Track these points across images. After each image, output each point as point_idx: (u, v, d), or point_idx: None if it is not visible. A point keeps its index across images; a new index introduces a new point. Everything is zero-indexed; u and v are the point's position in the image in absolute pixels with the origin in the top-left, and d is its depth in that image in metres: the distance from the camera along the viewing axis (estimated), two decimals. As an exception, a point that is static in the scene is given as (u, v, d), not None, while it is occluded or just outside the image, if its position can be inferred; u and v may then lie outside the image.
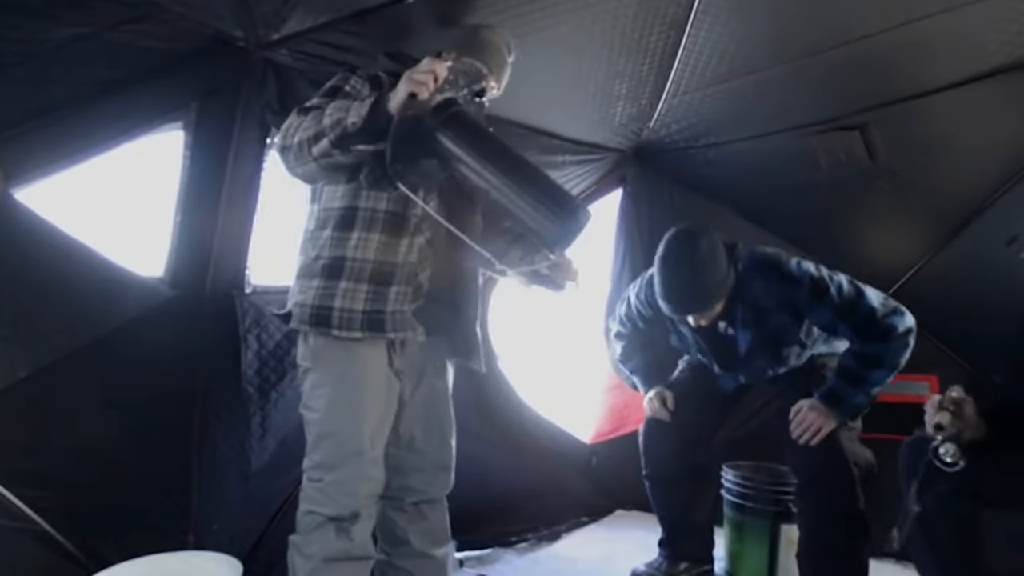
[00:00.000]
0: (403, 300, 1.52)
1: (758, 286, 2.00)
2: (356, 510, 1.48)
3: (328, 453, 1.49)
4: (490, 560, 2.55)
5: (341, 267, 1.49)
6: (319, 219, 1.54)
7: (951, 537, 1.58)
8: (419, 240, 1.55)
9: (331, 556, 1.45)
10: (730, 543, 2.42)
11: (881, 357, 1.92)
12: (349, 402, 1.50)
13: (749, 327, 2.06)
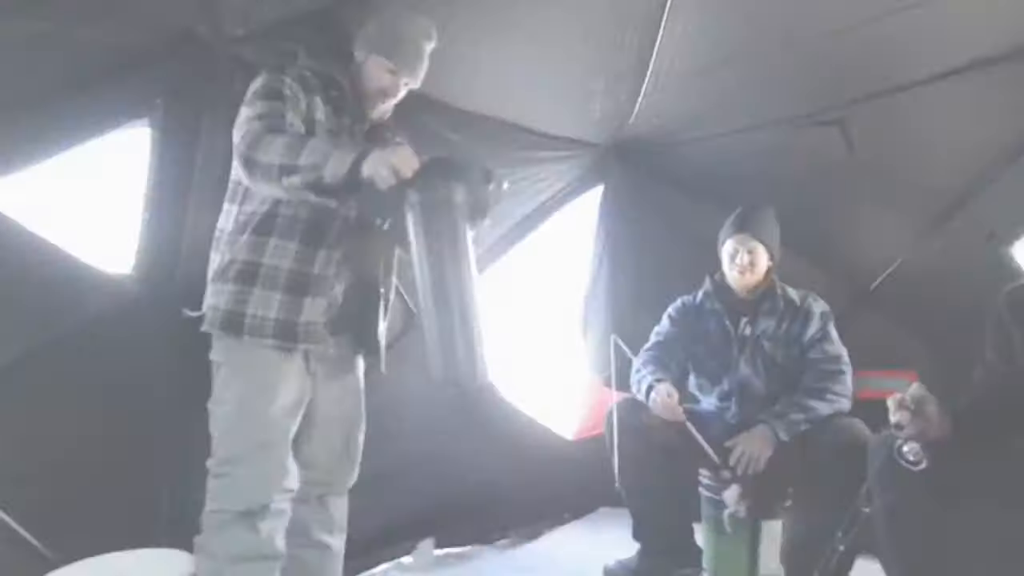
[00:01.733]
0: (317, 311, 1.53)
1: (787, 306, 2.33)
2: (266, 503, 1.47)
3: (237, 445, 1.48)
4: (469, 557, 2.56)
5: (256, 274, 1.49)
6: (238, 221, 1.53)
7: (916, 535, 1.58)
8: (337, 254, 1.56)
9: (238, 554, 1.44)
10: (709, 540, 2.41)
11: (825, 392, 2.18)
12: (258, 396, 1.49)
13: (766, 335, 2.31)
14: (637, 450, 2.21)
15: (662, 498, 2.29)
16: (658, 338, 2.52)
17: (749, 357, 2.32)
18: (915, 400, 1.56)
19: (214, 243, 1.57)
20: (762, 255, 2.33)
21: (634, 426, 2.26)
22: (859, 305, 2.78)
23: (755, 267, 2.33)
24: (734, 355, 2.35)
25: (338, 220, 1.56)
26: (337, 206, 1.54)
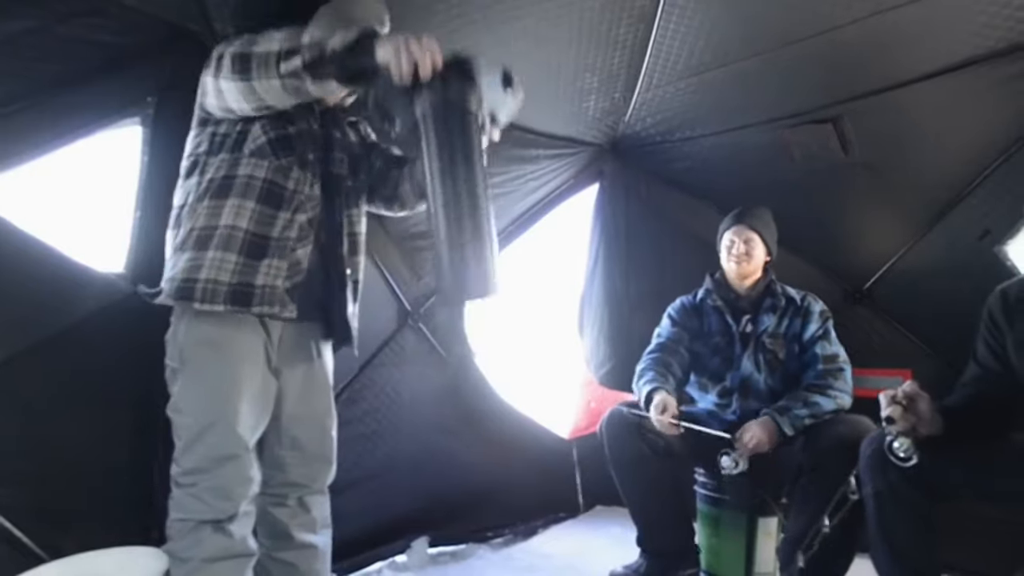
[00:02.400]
0: (276, 275, 1.47)
1: (787, 303, 2.37)
2: (233, 513, 1.45)
3: (201, 458, 1.44)
4: (464, 555, 2.56)
5: (211, 236, 1.43)
6: (200, 191, 1.48)
7: (906, 530, 1.58)
8: (300, 217, 1.51)
9: (210, 556, 1.42)
10: (706, 538, 2.41)
11: (827, 388, 2.19)
12: (222, 403, 1.45)
13: (768, 332, 2.33)
14: (633, 455, 2.21)
15: (661, 501, 2.28)
16: (660, 340, 2.51)
17: (751, 354, 2.33)
18: (907, 396, 1.56)
19: (171, 221, 1.53)
20: (758, 245, 2.37)
21: (629, 431, 2.26)
22: (854, 304, 2.77)
23: (751, 257, 2.36)
24: (736, 352, 2.36)
25: (300, 184, 1.51)
26: (311, 153, 1.51)
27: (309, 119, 1.60)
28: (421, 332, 2.67)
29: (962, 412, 1.68)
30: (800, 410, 2.13)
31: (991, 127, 2.30)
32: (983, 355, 1.76)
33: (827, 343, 2.27)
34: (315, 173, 1.57)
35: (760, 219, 2.42)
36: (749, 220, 2.40)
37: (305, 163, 1.54)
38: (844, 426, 2.03)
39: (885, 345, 2.72)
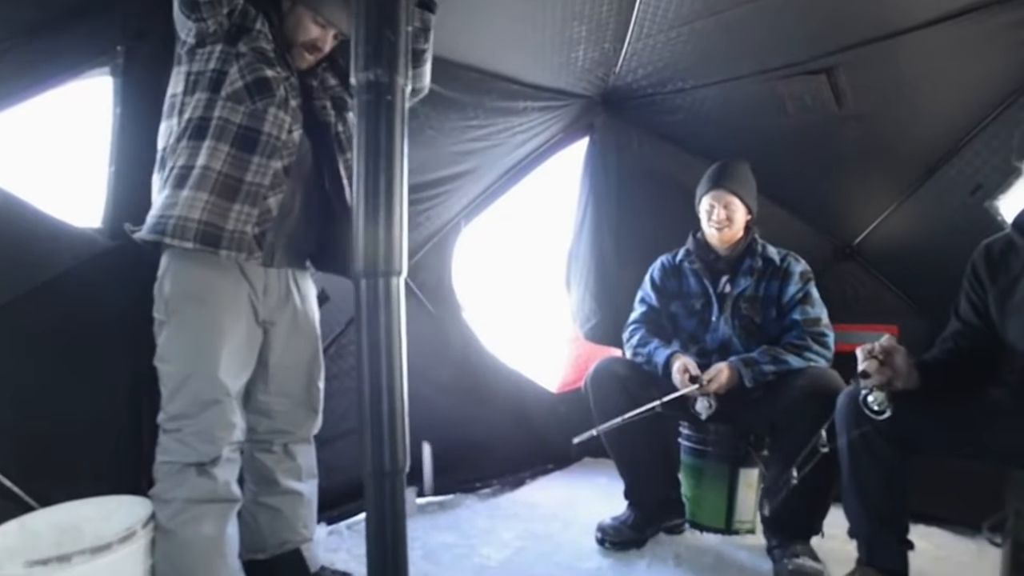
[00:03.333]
0: (246, 222, 1.50)
1: (766, 265, 2.32)
2: (216, 456, 1.50)
3: (185, 404, 1.50)
4: (452, 505, 2.61)
5: (187, 176, 1.47)
6: (178, 131, 1.50)
7: (876, 481, 1.61)
8: (275, 164, 1.54)
9: (194, 497, 1.48)
10: (690, 489, 2.47)
11: (804, 350, 2.17)
12: (205, 352, 1.50)
13: (744, 296, 2.31)
14: (618, 407, 2.22)
15: (646, 454, 2.32)
16: (644, 307, 2.51)
17: (728, 317, 2.32)
18: (884, 351, 1.57)
19: (157, 164, 1.55)
20: (739, 209, 2.33)
21: (614, 387, 2.27)
22: (843, 260, 2.76)
23: (733, 222, 2.32)
24: (714, 314, 2.35)
25: (275, 129, 1.54)
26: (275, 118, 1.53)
27: (288, 69, 1.60)
28: (408, 287, 2.66)
29: (940, 367, 1.69)
30: (767, 366, 2.14)
31: (988, 78, 2.24)
32: (964, 310, 1.77)
33: (808, 306, 2.25)
34: (296, 119, 1.58)
35: (738, 179, 2.35)
36: (727, 183, 2.33)
37: (286, 107, 1.56)
38: (813, 379, 2.04)
39: (872, 301, 2.72)
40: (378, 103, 1.07)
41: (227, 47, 1.52)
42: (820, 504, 2.03)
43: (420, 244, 2.70)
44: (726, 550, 2.22)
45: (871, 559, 1.63)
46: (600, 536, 2.23)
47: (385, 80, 1.07)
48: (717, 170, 2.37)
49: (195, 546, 1.47)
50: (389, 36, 1.08)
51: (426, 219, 2.68)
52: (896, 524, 1.63)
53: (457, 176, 2.66)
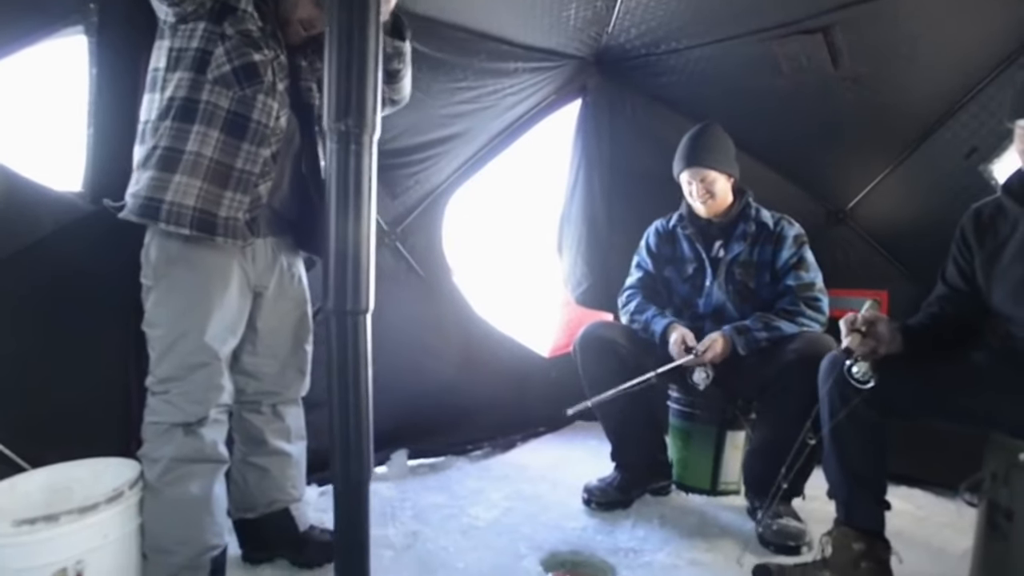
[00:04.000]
0: (238, 209, 1.52)
1: (759, 229, 2.30)
2: (203, 416, 1.52)
3: (173, 368, 1.51)
4: (442, 467, 2.65)
5: (178, 160, 1.46)
6: (161, 108, 1.49)
7: (856, 444, 1.63)
8: (264, 152, 1.54)
9: (180, 456, 1.51)
10: (677, 451, 2.50)
11: (797, 316, 2.18)
12: (192, 316, 1.51)
13: (737, 261, 2.30)
14: (607, 371, 2.24)
15: (633, 417, 2.34)
16: (640, 272, 2.51)
17: (722, 282, 2.31)
18: (866, 322, 1.57)
19: (138, 136, 1.53)
20: (717, 181, 2.28)
21: (603, 351, 2.28)
22: (836, 224, 2.74)
23: (714, 195, 2.28)
24: (707, 279, 2.34)
25: (264, 116, 1.53)
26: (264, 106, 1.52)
27: (276, 49, 1.59)
28: (398, 251, 2.66)
29: (923, 331, 1.69)
30: (759, 332, 2.15)
31: (987, 37, 2.19)
32: (951, 275, 1.76)
33: (802, 271, 2.24)
34: (283, 103, 1.58)
35: (712, 151, 2.28)
36: (701, 159, 2.27)
37: (274, 93, 1.55)
38: (806, 343, 2.05)
39: (863, 266, 2.71)
40: (347, 152, 1.18)
41: (211, 25, 1.49)
42: (802, 467, 2.06)
43: (410, 208, 2.68)
44: (710, 511, 2.26)
45: (849, 519, 1.66)
46: (587, 497, 2.27)
47: (356, 131, 1.19)
48: (688, 145, 2.31)
49: (182, 504, 1.50)
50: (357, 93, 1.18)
51: (415, 183, 2.65)
52: (874, 485, 1.65)
53: (446, 139, 2.63)
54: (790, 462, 1.69)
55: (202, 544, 1.53)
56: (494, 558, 1.88)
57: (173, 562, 1.49)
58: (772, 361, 2.08)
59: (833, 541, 1.67)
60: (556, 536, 2.03)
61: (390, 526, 2.07)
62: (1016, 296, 1.58)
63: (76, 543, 1.34)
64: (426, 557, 1.88)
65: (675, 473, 2.46)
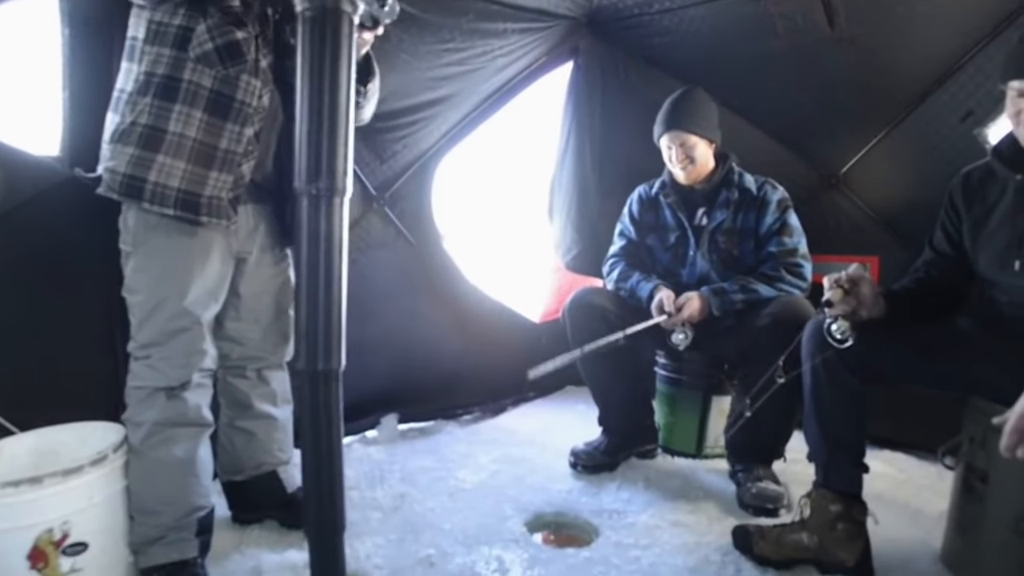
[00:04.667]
0: (222, 188, 1.50)
1: (742, 196, 2.27)
2: (186, 380, 1.53)
3: (154, 333, 1.51)
4: (432, 431, 2.68)
5: (160, 140, 1.44)
6: (140, 82, 1.45)
7: (835, 407, 1.64)
8: (248, 131, 1.52)
9: (164, 420, 1.52)
10: (664, 416, 2.53)
11: (777, 281, 2.17)
12: (172, 282, 1.50)
13: (721, 228, 2.28)
14: (595, 339, 2.24)
15: (621, 382, 2.36)
16: (623, 240, 2.50)
17: (705, 251, 2.30)
18: (850, 280, 1.56)
19: (113, 103, 1.50)
20: (697, 146, 2.26)
21: (592, 317, 2.28)
22: (828, 189, 2.71)
23: (693, 160, 2.26)
24: (690, 248, 2.33)
25: (248, 96, 1.51)
26: (247, 81, 1.49)
27: (263, 24, 1.55)
28: (387, 216, 2.65)
29: (907, 296, 1.69)
30: (736, 295, 2.15)
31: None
32: (939, 240, 1.75)
33: (785, 236, 2.22)
34: (267, 81, 1.55)
35: (693, 115, 2.26)
36: (681, 123, 2.24)
37: (257, 71, 1.52)
38: (781, 307, 2.05)
39: (855, 232, 2.69)
40: (317, 214, 1.20)
41: (193, 1, 1.45)
42: (782, 430, 2.09)
43: (398, 173, 2.65)
44: (695, 474, 2.29)
45: (827, 481, 1.68)
46: (573, 460, 2.30)
47: (327, 195, 1.20)
48: (669, 108, 2.29)
49: (166, 467, 1.52)
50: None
51: (403, 147, 2.62)
52: (852, 449, 1.67)
53: (434, 103, 2.58)
54: (755, 394, 1.71)
55: (188, 505, 1.55)
56: (480, 519, 1.92)
57: (159, 523, 1.51)
58: (748, 325, 2.08)
59: (811, 503, 1.70)
60: (542, 498, 2.07)
61: (378, 488, 2.10)
62: (1002, 261, 1.57)
63: (61, 504, 1.36)
64: (413, 518, 1.92)
65: (661, 437, 2.49)
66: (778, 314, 2.01)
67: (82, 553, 1.39)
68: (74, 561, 1.38)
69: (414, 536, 1.80)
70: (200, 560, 1.55)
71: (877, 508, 1.73)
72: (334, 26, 1.20)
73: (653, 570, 1.66)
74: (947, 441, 1.75)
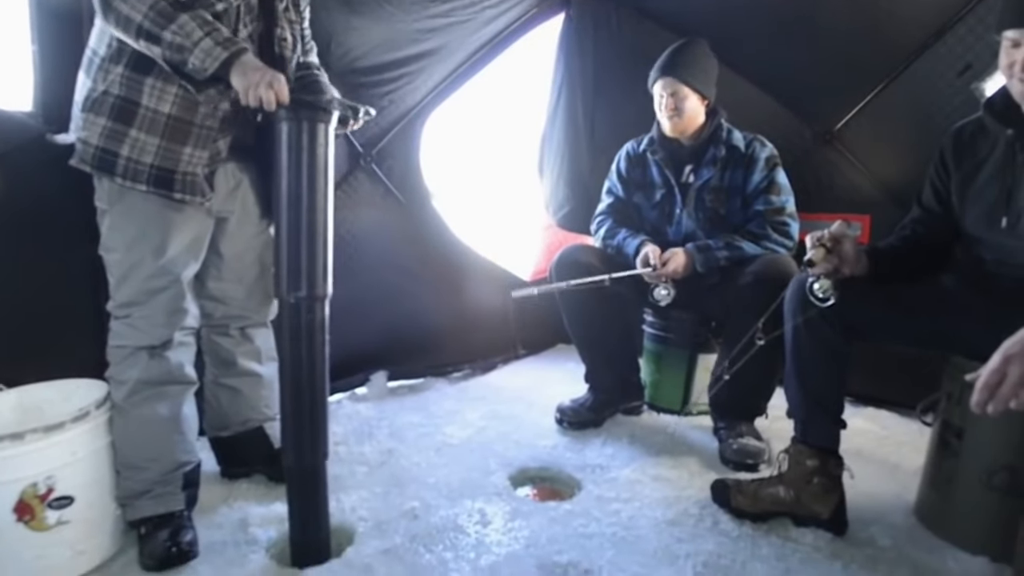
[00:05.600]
0: (196, 164, 1.47)
1: (730, 153, 2.24)
2: (167, 339, 1.52)
3: (133, 293, 1.50)
4: (421, 388, 2.70)
5: (134, 113, 1.41)
6: (112, 48, 1.41)
7: (816, 364, 1.65)
8: (224, 104, 1.48)
9: (147, 378, 1.52)
10: (650, 373, 2.55)
11: (763, 239, 2.15)
12: (149, 239, 1.49)
13: (708, 187, 2.25)
14: (581, 296, 2.24)
15: (607, 340, 2.37)
16: (611, 197, 2.47)
17: (691, 209, 2.27)
18: (833, 238, 1.55)
19: (85, 64, 1.46)
20: (688, 97, 2.21)
21: (578, 274, 2.27)
22: (822, 146, 2.66)
23: (682, 112, 2.21)
24: (677, 206, 2.31)
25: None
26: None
27: None
28: (375, 174, 2.61)
29: (892, 254, 1.68)
30: (720, 252, 2.14)
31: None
32: (927, 197, 1.73)
33: (772, 195, 2.19)
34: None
35: (690, 66, 2.21)
36: (677, 71, 2.19)
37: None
38: (764, 266, 2.04)
39: (847, 190, 2.66)
40: (299, 320, 1.40)
41: None
42: (764, 388, 2.11)
43: (385, 129, 2.61)
44: (679, 430, 2.32)
45: (805, 437, 1.70)
46: (559, 417, 2.33)
47: (307, 302, 1.39)
48: (668, 55, 2.24)
49: (150, 425, 1.53)
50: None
51: (390, 103, 2.57)
52: (831, 405, 1.68)
53: (421, 56, 2.52)
54: (735, 355, 1.71)
55: (173, 462, 1.57)
56: (464, 473, 1.95)
57: (144, 478, 1.53)
58: (732, 283, 2.08)
59: (789, 458, 1.72)
60: (527, 453, 2.10)
61: (366, 444, 2.13)
62: (989, 218, 1.55)
63: (44, 460, 1.38)
64: (398, 472, 1.95)
65: (647, 394, 2.52)
66: (761, 272, 2.00)
67: (68, 506, 1.41)
68: (60, 514, 1.40)
69: (399, 490, 1.83)
70: (186, 512, 1.58)
71: (857, 464, 1.76)
72: (311, 133, 1.37)
73: (632, 523, 1.69)
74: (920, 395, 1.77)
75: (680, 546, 1.58)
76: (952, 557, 1.56)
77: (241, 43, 1.39)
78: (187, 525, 1.54)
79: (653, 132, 2.36)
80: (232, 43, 1.36)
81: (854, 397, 2.56)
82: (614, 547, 1.57)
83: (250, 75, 1.34)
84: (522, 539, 1.60)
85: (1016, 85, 1.47)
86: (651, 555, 1.54)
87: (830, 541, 1.62)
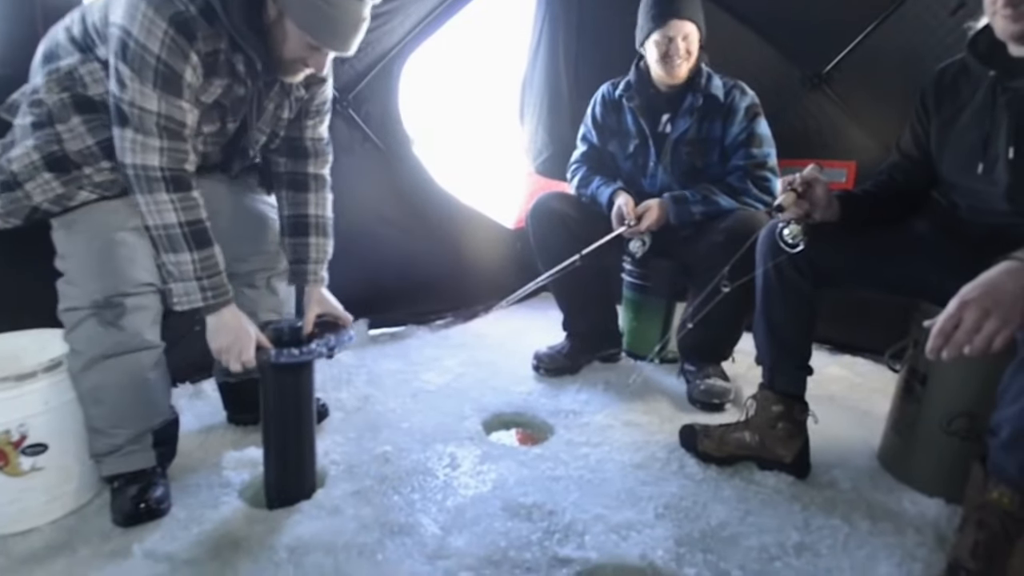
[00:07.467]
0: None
1: (708, 103, 2.16)
2: (111, 296, 1.41)
3: (70, 244, 1.43)
4: (403, 336, 2.72)
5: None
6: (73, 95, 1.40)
7: (784, 309, 1.65)
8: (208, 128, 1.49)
9: (101, 352, 1.43)
10: (628, 321, 2.56)
11: (742, 194, 2.11)
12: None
13: (684, 139, 2.19)
14: (558, 244, 2.22)
15: (584, 288, 2.35)
16: (585, 145, 2.43)
17: (667, 164, 2.22)
18: (804, 182, 1.52)
19: (42, 56, 1.45)
20: (695, 36, 2.12)
21: (554, 224, 2.25)
22: (811, 90, 2.60)
23: (691, 53, 2.13)
24: (651, 158, 2.25)
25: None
26: None
27: (247, 81, 1.48)
28: (352, 119, 2.56)
29: (867, 199, 1.65)
30: (696, 206, 2.11)
31: None
32: (905, 142, 1.69)
33: (753, 147, 2.13)
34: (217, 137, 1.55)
35: (691, 1, 2.10)
36: (683, 11, 2.07)
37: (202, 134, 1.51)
38: (737, 221, 2.02)
39: (835, 136, 2.61)
40: None
41: None
42: (730, 333, 2.13)
43: (361, 73, 2.54)
44: (654, 376, 2.35)
45: (772, 383, 1.72)
46: (536, 363, 2.35)
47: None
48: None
49: (110, 395, 1.47)
50: None
51: (365, 44, 2.46)
52: (798, 352, 1.69)
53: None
54: (700, 303, 1.75)
55: (139, 426, 1.51)
56: (439, 418, 1.98)
57: (111, 442, 1.50)
58: (704, 237, 2.07)
59: (756, 404, 1.74)
60: (502, 399, 2.13)
61: (344, 390, 2.16)
62: (965, 163, 1.52)
63: (16, 408, 1.39)
64: (374, 418, 1.98)
65: (625, 342, 2.53)
66: (733, 228, 1.98)
67: (42, 453, 1.43)
68: (34, 460, 1.42)
69: (372, 434, 1.87)
70: (159, 469, 1.54)
71: (828, 409, 1.78)
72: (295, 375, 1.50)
73: (599, 466, 1.73)
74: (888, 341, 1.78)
75: (644, 488, 1.62)
76: (909, 499, 1.60)
77: (224, 296, 1.46)
78: (157, 482, 1.50)
79: (631, 76, 2.28)
80: (218, 294, 1.45)
81: (832, 344, 2.58)
82: (579, 489, 1.61)
83: (220, 339, 1.45)
84: (490, 482, 1.64)
85: (999, 21, 1.40)
86: (614, 497, 1.58)
87: (791, 484, 1.66)
